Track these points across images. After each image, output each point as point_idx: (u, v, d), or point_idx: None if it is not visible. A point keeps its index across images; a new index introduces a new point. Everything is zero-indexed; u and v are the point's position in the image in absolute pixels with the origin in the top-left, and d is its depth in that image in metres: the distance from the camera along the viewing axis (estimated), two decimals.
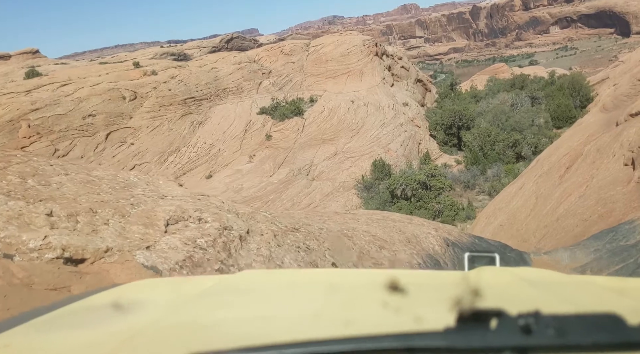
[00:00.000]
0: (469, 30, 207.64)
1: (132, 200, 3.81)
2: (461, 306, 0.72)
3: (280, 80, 49.44)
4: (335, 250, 5.45)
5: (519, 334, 0.64)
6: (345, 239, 5.08)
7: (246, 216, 4.31)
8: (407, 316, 0.82)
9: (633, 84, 25.07)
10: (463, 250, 6.74)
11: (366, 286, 1.09)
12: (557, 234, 10.84)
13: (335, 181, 34.70)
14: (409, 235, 6.46)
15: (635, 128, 11.98)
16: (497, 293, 1.03)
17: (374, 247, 5.44)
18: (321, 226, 5.45)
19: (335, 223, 6.16)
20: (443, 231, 7.60)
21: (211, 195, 4.86)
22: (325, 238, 4.88)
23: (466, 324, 0.68)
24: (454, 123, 41.69)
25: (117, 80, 42.85)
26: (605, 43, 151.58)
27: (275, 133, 40.39)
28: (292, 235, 4.43)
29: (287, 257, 3.95)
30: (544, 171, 18.37)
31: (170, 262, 3.16)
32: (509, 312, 0.67)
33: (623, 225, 7.23)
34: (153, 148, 39.31)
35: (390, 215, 8.04)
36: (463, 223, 27.36)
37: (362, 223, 6.57)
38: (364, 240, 5.53)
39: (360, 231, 5.90)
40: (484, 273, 1.32)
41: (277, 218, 4.76)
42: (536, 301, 0.95)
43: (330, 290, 1.07)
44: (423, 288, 1.06)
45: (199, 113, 43.25)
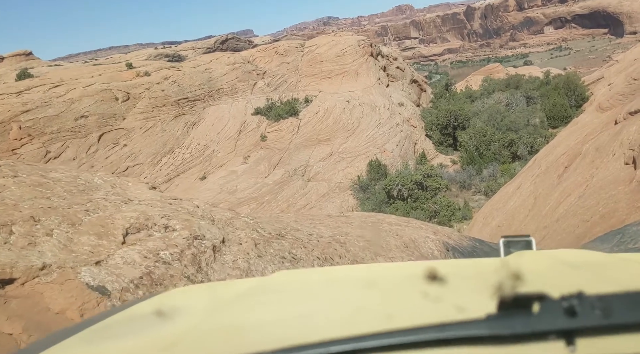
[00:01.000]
0: (463, 30, 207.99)
1: (88, 205, 3.34)
2: (502, 292, 0.70)
3: (275, 80, 49.16)
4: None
5: (563, 317, 0.64)
6: (338, 245, 4.75)
7: (223, 222, 3.91)
8: (448, 305, 0.81)
9: (628, 83, 24.93)
10: (464, 254, 6.41)
11: (404, 278, 1.08)
12: (558, 235, 10.53)
13: (331, 182, 34.43)
14: (407, 240, 6.09)
15: (635, 127, 11.72)
16: (538, 277, 0.98)
17: (368, 254, 5.06)
18: (311, 231, 5.09)
19: (327, 227, 5.80)
20: (442, 234, 7.25)
21: (191, 198, 4.43)
22: (316, 245, 4.52)
23: (508, 310, 0.67)
24: (450, 123, 41.58)
25: (110, 81, 42.48)
26: (599, 43, 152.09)
27: (270, 134, 40.10)
28: (276, 242, 4.03)
29: (269, 269, 3.56)
30: (542, 170, 18.10)
31: (123, 281, 2.71)
32: (552, 295, 0.67)
33: (630, 226, 6.92)
34: (146, 150, 38.94)
35: (385, 217, 7.63)
36: (459, 223, 27.18)
37: (355, 227, 6.22)
38: (358, 246, 5.15)
39: (354, 236, 5.53)
40: (522, 257, 1.31)
41: (261, 224, 4.35)
42: (579, 283, 0.92)
43: (368, 284, 1.05)
44: (463, 276, 1.05)
45: (193, 114, 42.91)
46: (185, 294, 1.37)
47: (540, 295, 0.66)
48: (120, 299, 2.41)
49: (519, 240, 1.63)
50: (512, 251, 1.56)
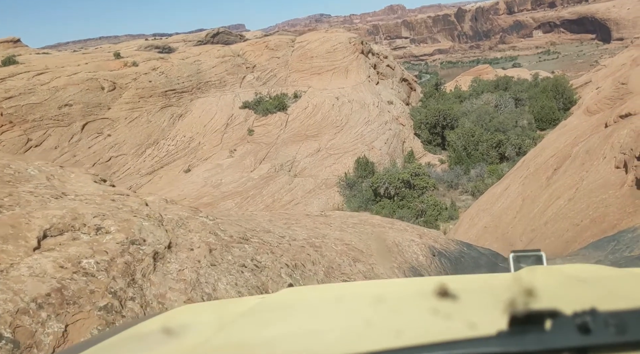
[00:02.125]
0: (454, 32, 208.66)
1: (5, 200, 2.75)
2: (514, 309, 0.70)
3: (265, 75, 48.62)
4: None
5: (576, 334, 0.62)
6: (312, 250, 4.31)
7: (174, 223, 3.36)
8: (460, 322, 0.80)
9: (616, 87, 24.89)
10: (451, 260, 6.04)
11: (414, 294, 1.07)
12: (547, 238, 10.26)
13: (317, 178, 34.08)
14: (390, 243, 5.67)
15: (626, 130, 11.50)
16: (550, 292, 0.96)
17: (346, 259, 4.61)
18: (284, 233, 4.65)
19: (303, 228, 5.39)
20: (428, 238, 6.83)
21: (150, 193, 3.93)
22: (287, 249, 4.03)
23: (520, 327, 0.66)
24: (438, 122, 41.41)
25: (97, 70, 41.70)
26: (586, 48, 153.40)
27: (258, 128, 39.61)
28: (237, 248, 3.49)
29: (223, 281, 3.05)
30: (530, 172, 17.87)
31: (22, 299, 2.11)
32: (564, 311, 0.66)
33: (625, 233, 6.62)
34: (131, 140, 38.27)
35: (369, 218, 7.18)
36: (446, 223, 26.99)
37: (335, 228, 5.80)
38: (335, 251, 4.70)
39: (332, 239, 5.06)
40: (534, 273, 1.27)
41: (222, 225, 3.79)
42: (591, 299, 0.90)
43: (377, 300, 1.03)
44: (474, 292, 1.04)
45: (180, 106, 42.26)
46: (192, 311, 1.36)
47: (552, 312, 0.65)
48: (12, 326, 1.89)
49: (529, 254, 1.60)
50: (522, 266, 1.52)
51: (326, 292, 1.39)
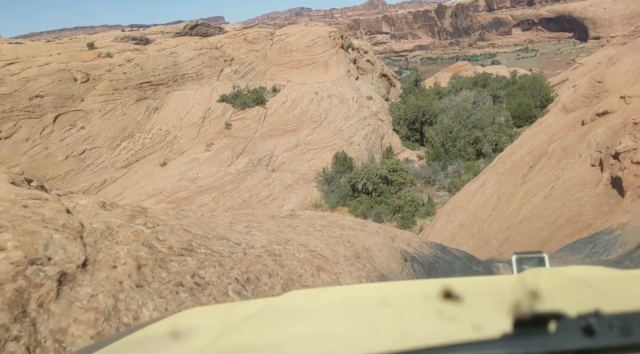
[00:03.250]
0: (434, 28, 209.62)
1: None
2: (519, 311, 0.71)
3: (243, 68, 48.04)
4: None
5: (581, 336, 0.63)
6: (270, 260, 3.93)
7: (98, 234, 2.86)
8: (465, 324, 0.81)
9: (592, 86, 25.08)
10: (424, 265, 5.78)
11: (420, 296, 1.06)
12: (522, 237, 10.16)
13: (295, 173, 33.78)
14: (359, 248, 5.29)
15: (602, 128, 11.46)
16: (554, 295, 0.96)
17: (309, 269, 4.24)
18: (241, 239, 4.28)
19: (264, 232, 5.00)
20: (401, 240, 6.52)
21: (81, 195, 3.43)
22: (240, 260, 3.64)
23: (525, 329, 0.67)
24: (417, 118, 41.45)
25: (69, 61, 40.71)
26: (564, 46, 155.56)
27: (236, 122, 39.12)
28: (177, 261, 3.03)
29: (150, 306, 2.56)
30: (506, 169, 17.84)
31: None
32: (568, 314, 0.66)
33: (601, 235, 6.50)
34: (105, 133, 37.46)
35: (340, 219, 6.82)
36: (423, 219, 26.98)
37: (300, 232, 5.44)
38: (298, 259, 4.35)
39: (295, 245, 4.70)
40: (539, 275, 1.28)
41: (163, 233, 3.30)
42: (596, 301, 0.91)
43: (383, 303, 1.04)
44: (479, 294, 1.04)
45: (155, 99, 41.48)
46: (198, 314, 1.36)
47: (556, 314, 0.66)
48: None
49: (532, 256, 1.60)
50: (524, 268, 1.53)
51: (332, 295, 1.39)
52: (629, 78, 23.51)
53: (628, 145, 9.22)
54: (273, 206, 29.84)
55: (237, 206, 29.72)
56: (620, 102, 12.32)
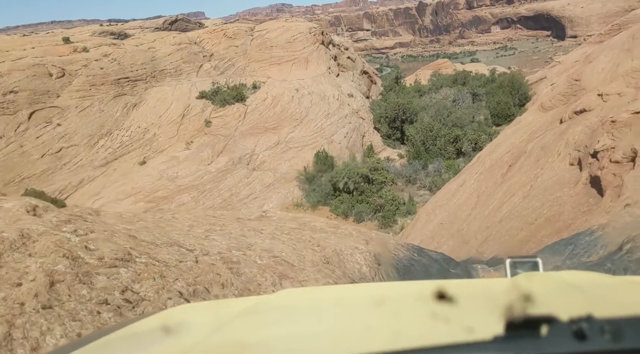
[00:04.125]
0: (414, 25, 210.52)
1: None
2: (512, 314, 0.71)
3: (223, 64, 47.54)
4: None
5: (572, 340, 0.63)
6: (224, 268, 3.59)
7: (7, 244, 2.51)
8: (457, 326, 0.81)
9: (570, 84, 25.37)
10: (399, 269, 5.63)
11: (414, 297, 1.07)
12: (501, 237, 10.17)
13: (276, 171, 33.58)
14: (329, 253, 4.99)
15: (581, 127, 11.54)
16: (547, 299, 0.95)
17: (270, 277, 3.91)
18: (195, 245, 3.91)
19: (225, 236, 4.67)
20: (376, 243, 6.23)
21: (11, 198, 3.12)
22: (189, 269, 3.27)
23: (516, 332, 0.67)
24: (398, 116, 41.52)
25: (44, 56, 39.79)
26: (542, 45, 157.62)
27: (215, 120, 38.71)
28: (105, 274, 2.63)
29: (57, 332, 2.16)
30: (486, 168, 17.95)
31: None
32: (560, 318, 0.67)
33: (582, 236, 6.51)
34: (82, 130, 36.70)
35: (311, 221, 6.53)
36: (404, 218, 27.05)
37: (265, 235, 5.11)
38: (258, 266, 4.01)
39: (258, 251, 4.37)
40: (532, 279, 1.29)
41: (95, 242, 2.92)
42: (588, 306, 0.91)
43: (377, 303, 1.03)
44: (473, 297, 1.04)
45: (134, 95, 40.80)
46: (190, 310, 1.34)
47: (548, 318, 0.66)
48: None
49: (526, 260, 1.60)
50: (518, 272, 1.54)
51: (325, 294, 1.37)
52: (606, 76, 23.85)
53: (606, 143, 9.30)
54: (254, 206, 29.62)
55: (217, 206, 29.43)
56: (597, 100, 12.43)
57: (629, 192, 7.27)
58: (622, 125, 9.33)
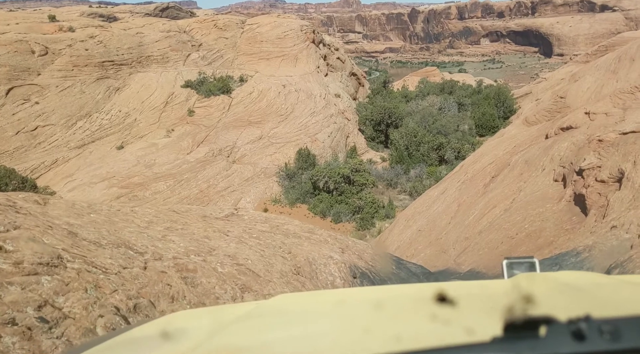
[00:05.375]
0: (405, 32, 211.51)
1: None
2: (511, 315, 0.72)
3: (211, 54, 46.95)
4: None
5: (571, 341, 0.63)
6: (177, 277, 3.11)
7: None
8: (458, 328, 0.81)
9: (555, 101, 25.54)
10: (375, 283, 5.17)
11: (413, 299, 1.06)
12: (480, 249, 10.01)
13: (257, 166, 33.19)
14: (301, 262, 4.56)
15: (567, 143, 11.46)
16: (547, 300, 0.96)
17: (231, 289, 3.42)
18: (148, 247, 3.40)
19: (186, 237, 4.15)
20: (352, 253, 5.73)
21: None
22: (134, 278, 2.80)
23: (515, 333, 0.68)
24: (384, 120, 41.48)
25: (28, 32, 38.79)
26: (529, 60, 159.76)
27: (199, 110, 38.17)
28: (20, 284, 2.12)
29: None
30: (468, 177, 17.86)
31: None
32: (559, 318, 0.67)
33: (567, 256, 6.34)
34: (61, 110, 35.85)
35: (285, 223, 6.18)
36: (382, 221, 26.93)
37: (232, 238, 4.62)
38: (218, 275, 3.52)
39: (220, 257, 3.87)
40: (531, 280, 1.29)
41: (16, 241, 2.38)
42: (586, 306, 0.93)
43: (376, 306, 1.03)
44: (473, 298, 1.04)
45: (117, 79, 40.01)
46: (188, 316, 1.36)
47: (547, 318, 0.66)
48: None
49: (523, 261, 1.60)
50: (515, 273, 1.54)
51: (324, 297, 1.36)
52: (590, 96, 24.06)
53: (593, 162, 9.20)
54: (231, 199, 29.20)
55: (193, 197, 28.94)
56: (584, 118, 12.39)
57: (615, 214, 7.15)
58: (609, 145, 9.26)
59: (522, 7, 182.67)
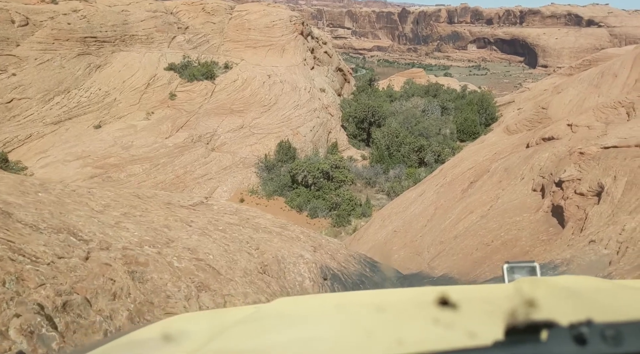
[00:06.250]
0: (395, 31, 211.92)
1: None
2: (513, 319, 0.72)
3: (197, 38, 46.17)
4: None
5: (572, 345, 0.63)
6: (122, 271, 2.72)
7: None
8: (460, 331, 0.82)
9: (537, 111, 25.74)
10: (347, 287, 4.85)
11: (416, 303, 1.07)
12: (455, 254, 9.94)
13: (236, 155, 32.79)
14: (269, 258, 4.18)
15: (547, 153, 11.47)
16: (548, 304, 0.96)
17: (186, 287, 3.03)
18: (96, 234, 3.03)
19: (142, 225, 3.72)
20: (324, 253, 5.35)
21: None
22: (70, 270, 2.44)
23: (517, 337, 0.68)
24: (367, 118, 41.43)
25: (9, 1, 37.54)
26: (513, 69, 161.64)
27: (181, 94, 37.51)
28: None
29: None
30: (447, 181, 17.85)
31: None
32: (560, 322, 0.67)
33: (544, 269, 6.26)
34: (38, 84, 34.87)
35: (257, 216, 5.75)
36: (358, 219, 26.86)
37: (195, 229, 4.18)
38: (173, 271, 3.12)
39: (179, 250, 3.48)
40: (533, 284, 1.28)
41: None
42: (588, 310, 0.94)
43: (378, 309, 1.03)
44: (474, 302, 1.04)
45: (99, 56, 39.06)
46: (188, 319, 1.35)
47: (548, 322, 0.66)
48: None
49: (524, 265, 1.58)
50: (515, 277, 1.53)
51: (325, 301, 1.34)
52: (572, 109, 24.28)
53: (573, 174, 9.18)
54: (207, 187, 28.79)
55: (168, 181, 28.46)
56: (567, 130, 12.42)
57: (594, 228, 7.12)
58: (590, 158, 9.26)
59: (511, 15, 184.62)
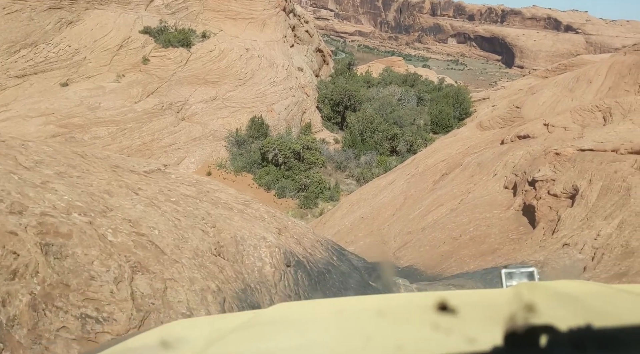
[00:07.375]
0: (377, 18, 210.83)
1: None
2: (512, 324, 0.72)
3: (176, 4, 44.64)
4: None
5: (571, 350, 0.64)
6: (33, 243, 2.24)
7: None
8: (460, 337, 0.81)
9: (510, 110, 25.91)
10: (311, 276, 4.44)
11: (415, 308, 1.07)
12: (422, 246, 9.82)
13: (206, 127, 32.03)
14: (226, 238, 3.70)
15: (522, 151, 11.42)
16: (547, 309, 0.96)
17: (116, 267, 2.55)
18: (11, 193, 2.51)
19: (76, 188, 3.17)
20: (290, 236, 4.87)
21: None
22: None
23: (517, 342, 0.68)
24: (343, 101, 41.05)
25: None
26: (490, 67, 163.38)
27: (155, 59, 36.26)
28: None
29: None
30: (418, 172, 17.75)
31: None
32: (559, 328, 0.67)
33: None
34: (4, 35, 33.18)
35: (218, 190, 5.17)
36: (326, 202, 26.67)
37: (142, 198, 3.62)
38: (104, 246, 2.61)
39: (118, 220, 2.96)
40: (532, 289, 1.29)
41: None
42: (586, 316, 0.89)
43: (378, 315, 1.03)
44: (474, 308, 1.04)
45: (71, 12, 37.33)
46: (187, 325, 1.35)
47: (547, 328, 0.66)
48: None
49: (522, 271, 1.57)
50: (513, 282, 1.52)
51: (324, 307, 1.34)
52: (545, 110, 24.49)
53: (547, 174, 9.11)
54: (174, 156, 28.05)
55: (134, 147, 27.57)
56: (543, 129, 12.39)
57: (567, 231, 7.05)
58: (565, 160, 9.21)
59: (492, 13, 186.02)
